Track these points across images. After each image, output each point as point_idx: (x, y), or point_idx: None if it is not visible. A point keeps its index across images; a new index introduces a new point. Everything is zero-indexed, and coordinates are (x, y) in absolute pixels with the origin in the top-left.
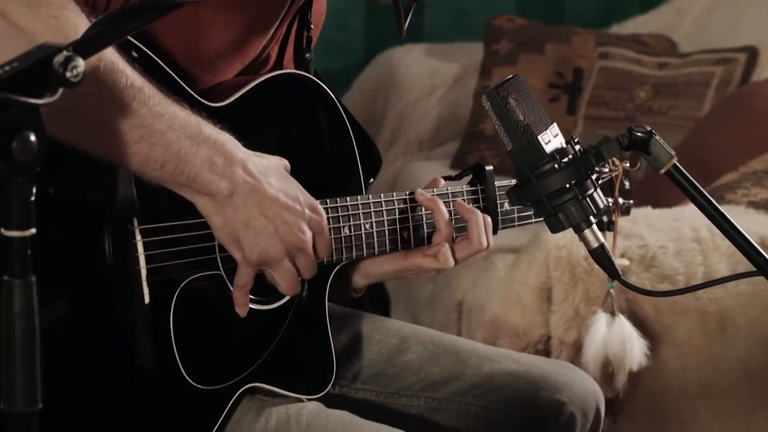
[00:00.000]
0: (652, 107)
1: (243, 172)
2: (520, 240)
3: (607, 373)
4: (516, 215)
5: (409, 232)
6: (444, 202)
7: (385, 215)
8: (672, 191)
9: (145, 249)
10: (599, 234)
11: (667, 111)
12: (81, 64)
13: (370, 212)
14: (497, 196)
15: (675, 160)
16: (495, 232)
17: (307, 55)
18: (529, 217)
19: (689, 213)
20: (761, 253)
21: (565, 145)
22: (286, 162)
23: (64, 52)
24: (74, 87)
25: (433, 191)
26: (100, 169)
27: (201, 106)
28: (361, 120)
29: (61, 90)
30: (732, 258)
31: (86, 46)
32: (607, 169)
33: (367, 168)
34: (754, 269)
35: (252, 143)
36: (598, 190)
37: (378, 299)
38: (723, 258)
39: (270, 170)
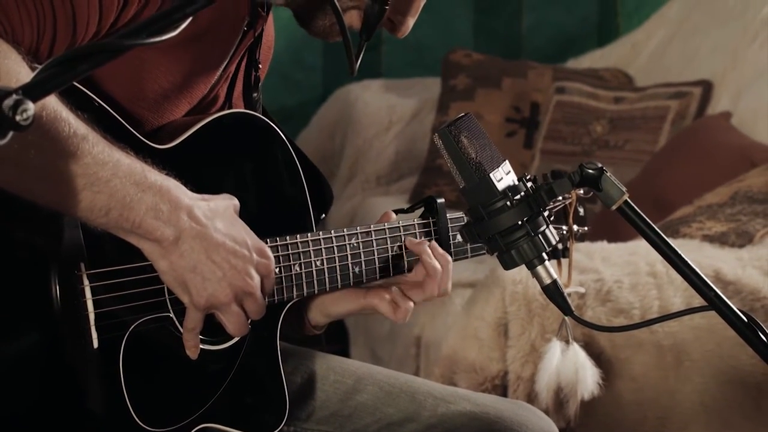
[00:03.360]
0: (608, 141)
1: (189, 218)
2: (476, 275)
3: (559, 400)
4: (468, 246)
5: (361, 267)
6: (396, 236)
7: (336, 251)
8: (627, 225)
9: (93, 294)
10: (552, 270)
11: (623, 145)
12: (31, 107)
13: (321, 249)
14: (449, 228)
15: (626, 197)
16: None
17: (255, 94)
18: (482, 248)
19: (644, 247)
20: (712, 288)
21: (517, 182)
22: (235, 202)
23: (14, 96)
24: (24, 130)
25: (394, 223)
26: (45, 215)
27: (147, 149)
28: (319, 155)
29: (11, 133)
30: (687, 291)
31: (36, 89)
32: (559, 199)
33: (319, 204)
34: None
35: (200, 183)
36: (550, 226)
37: (336, 334)
38: (678, 292)
39: (217, 214)
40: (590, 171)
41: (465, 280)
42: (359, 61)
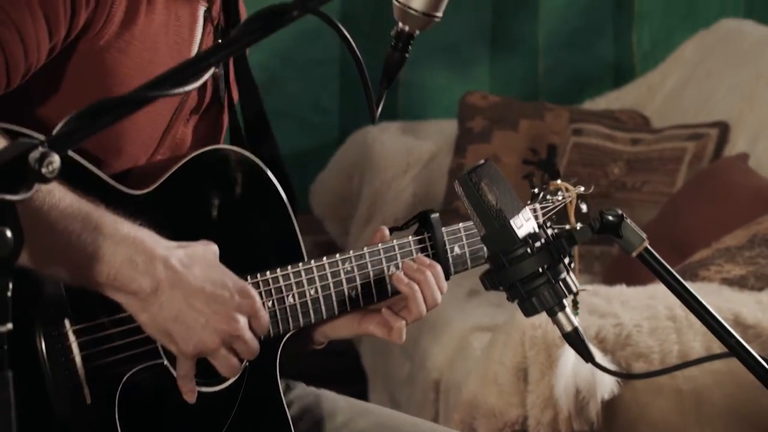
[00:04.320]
0: (625, 183)
1: (165, 268)
2: (495, 319)
3: (579, 404)
4: (468, 258)
5: (357, 291)
6: (391, 255)
7: (330, 278)
8: (646, 269)
9: (82, 349)
10: (573, 317)
11: (640, 187)
12: (56, 160)
13: (314, 277)
14: (446, 242)
15: (646, 243)
16: (447, 278)
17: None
18: (481, 257)
19: (663, 291)
20: (733, 335)
21: (537, 230)
22: (212, 247)
23: (40, 149)
24: (49, 182)
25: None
26: (24, 273)
27: (122, 197)
28: (337, 198)
29: (36, 186)
30: (707, 336)
31: (61, 141)
32: (560, 197)
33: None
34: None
35: (180, 227)
36: (571, 273)
37: (354, 377)
38: (697, 336)
39: (195, 261)
40: (610, 218)
41: (484, 324)
42: (380, 109)
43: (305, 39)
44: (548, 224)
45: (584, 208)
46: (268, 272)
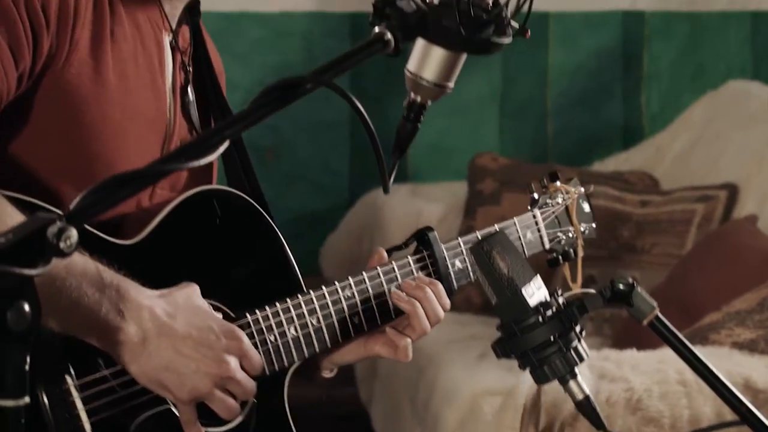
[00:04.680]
0: (635, 245)
1: (150, 317)
2: (507, 383)
3: None
4: (470, 271)
5: (360, 316)
6: (391, 277)
7: (331, 306)
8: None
9: (86, 403)
10: (584, 385)
11: (650, 249)
12: (74, 234)
13: (315, 308)
14: (446, 257)
15: (657, 312)
16: (450, 294)
17: (187, 97)
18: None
19: (673, 355)
20: (744, 403)
21: (548, 298)
22: (192, 288)
23: (58, 223)
24: (67, 257)
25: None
26: None
27: (109, 247)
28: (347, 260)
29: (54, 260)
30: (717, 400)
31: (78, 216)
32: (560, 200)
33: None
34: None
35: (173, 272)
36: (582, 341)
37: None
38: (708, 400)
39: (178, 307)
40: (621, 287)
41: (495, 388)
42: (392, 180)
43: (315, 102)
44: (559, 292)
45: (586, 207)
46: (267, 307)
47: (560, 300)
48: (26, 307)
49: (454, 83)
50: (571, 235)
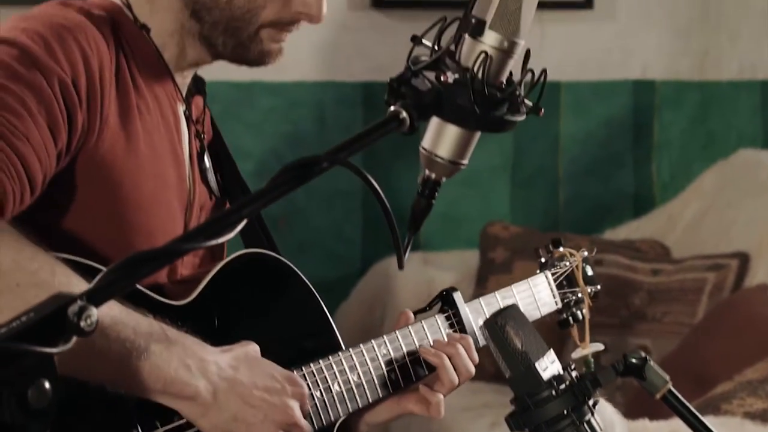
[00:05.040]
0: (646, 314)
1: (217, 370)
2: None
3: None
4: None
5: (396, 373)
6: (421, 336)
7: (369, 363)
8: None
9: None
10: None
11: (661, 317)
12: (94, 313)
13: (355, 364)
14: (470, 316)
15: (669, 385)
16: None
17: (204, 164)
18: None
19: (686, 428)
20: None
21: (561, 372)
22: (252, 346)
23: (78, 302)
24: (88, 336)
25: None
26: (89, 388)
27: (164, 307)
28: (359, 329)
29: (74, 339)
30: None
31: (98, 294)
32: (565, 264)
33: None
34: None
35: (222, 332)
36: (596, 415)
37: None
38: None
39: (240, 361)
40: (634, 360)
41: None
42: (407, 255)
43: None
44: (572, 366)
45: (590, 271)
46: (311, 364)
47: (573, 374)
48: (47, 385)
49: (467, 160)
50: (578, 296)
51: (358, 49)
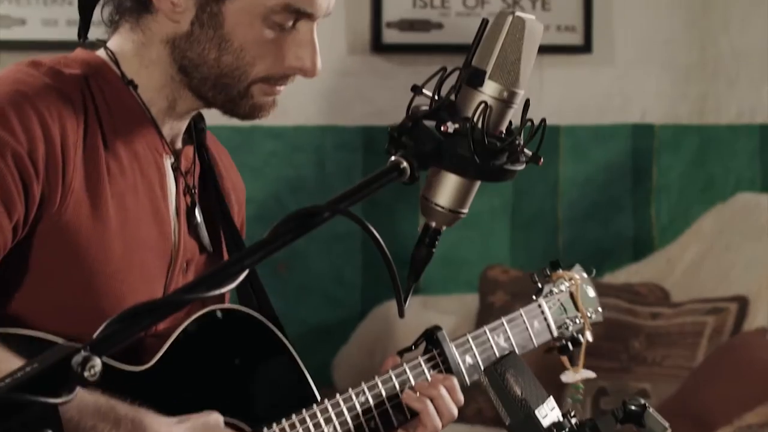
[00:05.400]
0: (646, 358)
1: None
2: None
3: None
4: (481, 365)
5: (376, 421)
6: (404, 379)
7: (347, 414)
8: None
9: None
10: None
11: (661, 361)
12: (98, 363)
13: (331, 416)
14: (456, 354)
15: None
16: (464, 389)
17: (194, 219)
18: (492, 358)
19: None
20: None
21: (561, 419)
22: (213, 416)
23: (82, 353)
24: (91, 385)
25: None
26: None
27: (120, 375)
28: (358, 373)
29: (78, 389)
30: None
31: (102, 345)
32: (564, 287)
33: None
34: None
35: (188, 395)
36: None
37: None
38: None
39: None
40: (633, 407)
41: None
42: (407, 303)
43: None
44: (572, 413)
45: (591, 292)
46: (284, 420)
47: (573, 420)
48: None
49: (467, 209)
50: (578, 321)
51: (358, 93)
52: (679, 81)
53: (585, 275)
